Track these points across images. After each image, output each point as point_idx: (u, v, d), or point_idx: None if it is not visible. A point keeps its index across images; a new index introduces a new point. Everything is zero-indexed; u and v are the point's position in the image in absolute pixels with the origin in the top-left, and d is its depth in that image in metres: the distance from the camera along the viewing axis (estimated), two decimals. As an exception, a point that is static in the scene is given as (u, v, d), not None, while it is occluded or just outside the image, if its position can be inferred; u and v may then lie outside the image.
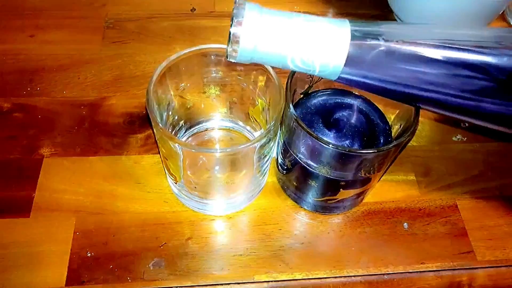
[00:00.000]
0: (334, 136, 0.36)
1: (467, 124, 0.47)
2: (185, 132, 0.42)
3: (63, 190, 0.41)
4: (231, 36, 0.26)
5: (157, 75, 0.34)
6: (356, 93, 0.39)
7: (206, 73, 0.38)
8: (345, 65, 0.27)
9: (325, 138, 0.32)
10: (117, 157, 0.43)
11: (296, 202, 0.41)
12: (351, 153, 0.31)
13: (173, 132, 0.40)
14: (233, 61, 0.28)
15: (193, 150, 0.31)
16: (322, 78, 0.38)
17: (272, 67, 0.35)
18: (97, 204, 0.40)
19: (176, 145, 0.31)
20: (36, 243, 0.37)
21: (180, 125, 0.41)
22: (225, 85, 0.40)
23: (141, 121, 0.45)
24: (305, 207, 0.41)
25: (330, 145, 0.31)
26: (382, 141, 0.36)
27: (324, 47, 0.26)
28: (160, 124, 0.32)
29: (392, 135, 0.37)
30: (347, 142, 0.35)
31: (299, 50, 0.26)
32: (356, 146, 0.35)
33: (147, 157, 0.43)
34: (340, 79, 0.28)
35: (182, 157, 0.33)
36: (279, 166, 0.41)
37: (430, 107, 0.29)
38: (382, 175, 0.41)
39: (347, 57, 0.27)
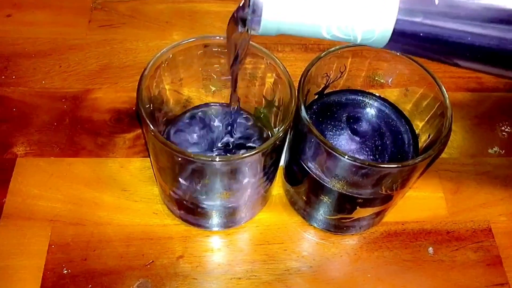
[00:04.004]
0: (352, 146, 0.35)
1: (505, 134, 0.46)
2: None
3: (38, 195, 0.40)
4: (251, 2, 0.25)
5: (150, 67, 0.34)
6: (379, 95, 0.39)
7: (207, 65, 0.38)
8: (395, 28, 0.26)
9: (340, 148, 0.32)
10: (101, 160, 0.43)
11: (305, 218, 0.41)
12: (371, 167, 0.31)
13: (166, 133, 0.39)
14: (255, 34, 0.27)
15: (189, 158, 0.31)
16: (340, 76, 0.38)
17: (283, 66, 0.35)
18: (76, 213, 0.40)
19: (170, 150, 0.31)
20: (5, 256, 0.37)
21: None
22: (227, 80, 0.39)
23: (130, 118, 0.45)
24: (315, 225, 0.40)
25: (346, 157, 0.31)
26: (407, 153, 0.36)
27: (368, 9, 0.25)
28: (151, 125, 0.31)
29: (419, 145, 0.36)
30: (366, 153, 0.35)
31: (336, 15, 0.25)
32: (377, 159, 0.35)
33: (136, 161, 0.43)
34: (388, 46, 0.27)
35: (176, 164, 0.33)
36: (287, 177, 0.41)
37: (484, 62, 0.28)
38: (406, 192, 0.41)
39: (397, 19, 0.26)
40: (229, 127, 0.39)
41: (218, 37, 0.36)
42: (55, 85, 0.47)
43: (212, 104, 0.41)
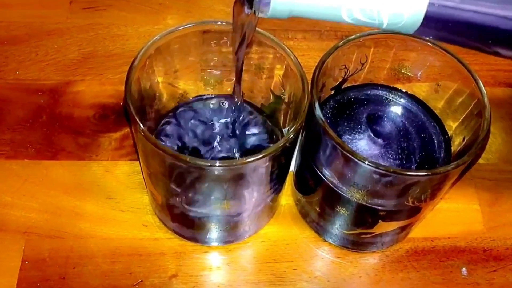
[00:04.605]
0: (374, 150, 0.35)
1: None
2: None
3: (10, 203, 0.40)
4: None
5: (141, 56, 0.34)
6: (405, 91, 0.39)
7: (206, 55, 0.38)
8: (428, 10, 0.26)
9: (360, 153, 0.32)
10: (83, 163, 0.43)
11: (318, 233, 0.41)
12: (396, 175, 0.31)
13: (159, 132, 0.39)
14: (263, 16, 0.27)
15: (185, 164, 0.31)
16: (361, 68, 0.38)
17: (295, 56, 0.34)
18: (54, 224, 0.40)
19: (162, 153, 0.31)
20: (-28, 273, 0.37)
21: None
22: (230, 72, 0.40)
23: (116, 115, 0.45)
24: (330, 241, 0.40)
25: (367, 162, 0.31)
26: (438, 158, 0.35)
27: None
28: (141, 124, 0.32)
29: (452, 150, 0.36)
30: (390, 159, 0.35)
31: None
32: (403, 165, 0.35)
33: (123, 165, 0.43)
34: (419, 31, 0.27)
35: (170, 169, 0.33)
36: (298, 185, 0.41)
37: None
38: (436, 204, 0.41)
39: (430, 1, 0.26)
40: (232, 125, 0.39)
41: (219, 23, 0.36)
42: (31, 76, 0.47)
43: (211, 97, 0.41)
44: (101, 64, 0.48)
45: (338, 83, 0.38)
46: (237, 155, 0.38)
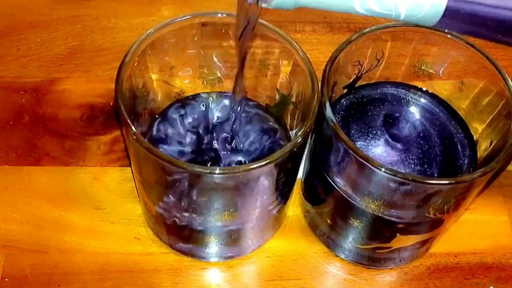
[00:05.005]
0: (391, 155, 0.35)
1: None
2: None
3: (-11, 214, 0.41)
4: None
5: (133, 52, 0.34)
6: (426, 90, 0.38)
7: (205, 50, 0.38)
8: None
9: (376, 159, 0.32)
10: (69, 169, 0.43)
11: (329, 247, 0.41)
12: (415, 183, 0.31)
13: (153, 135, 0.39)
14: (266, 7, 0.27)
15: (182, 171, 0.31)
16: (377, 65, 0.38)
17: (303, 51, 0.34)
18: (36, 237, 0.40)
19: (157, 159, 0.31)
20: None
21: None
22: (231, 68, 0.40)
23: (106, 117, 0.45)
24: (343, 256, 0.40)
25: (384, 170, 0.30)
26: (462, 165, 0.35)
27: None
28: (133, 126, 0.32)
29: (478, 155, 0.36)
30: (409, 165, 0.35)
31: None
32: (423, 172, 0.35)
33: (113, 171, 0.43)
34: (440, 23, 0.27)
35: (165, 176, 0.33)
36: (307, 194, 0.41)
37: None
38: (460, 215, 0.41)
39: None
40: (233, 126, 0.38)
41: (219, 14, 0.36)
42: (12, 73, 0.47)
43: (210, 95, 0.41)
44: (89, 60, 0.48)
45: (351, 81, 0.38)
46: (239, 160, 0.38)
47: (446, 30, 0.33)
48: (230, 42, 0.38)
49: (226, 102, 0.40)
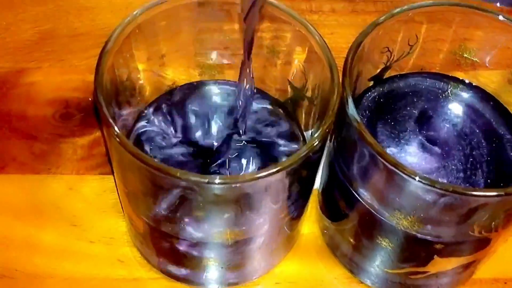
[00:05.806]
0: (427, 161, 0.35)
1: None
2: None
3: None
4: None
5: (116, 37, 0.34)
6: (469, 82, 0.39)
7: (202, 35, 0.39)
8: None
9: (409, 165, 0.31)
10: (40, 177, 0.43)
11: (352, 272, 0.41)
12: (457, 195, 0.31)
13: (139, 137, 0.40)
14: None
15: (175, 180, 0.31)
16: (409, 52, 0.38)
17: (320, 36, 0.34)
18: (1, 259, 0.40)
19: (145, 165, 0.31)
20: None
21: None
22: (235, 56, 0.40)
23: (84, 114, 0.46)
24: (369, 282, 0.40)
25: (418, 178, 0.30)
26: (514, 173, 0.36)
27: None
28: (115, 126, 0.32)
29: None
30: (449, 173, 0.35)
31: None
32: (466, 182, 0.35)
33: (92, 180, 0.43)
34: None
35: (155, 186, 0.33)
36: (325, 208, 0.41)
37: None
38: (511, 235, 0.41)
39: None
40: (237, 124, 0.39)
41: None
42: (-29, 62, 0.48)
43: (211, 83, 0.41)
44: (64, 47, 0.49)
45: (378, 71, 0.38)
46: (244, 166, 0.38)
47: (497, 5, 0.32)
48: (232, 24, 0.38)
49: (229, 94, 0.40)
